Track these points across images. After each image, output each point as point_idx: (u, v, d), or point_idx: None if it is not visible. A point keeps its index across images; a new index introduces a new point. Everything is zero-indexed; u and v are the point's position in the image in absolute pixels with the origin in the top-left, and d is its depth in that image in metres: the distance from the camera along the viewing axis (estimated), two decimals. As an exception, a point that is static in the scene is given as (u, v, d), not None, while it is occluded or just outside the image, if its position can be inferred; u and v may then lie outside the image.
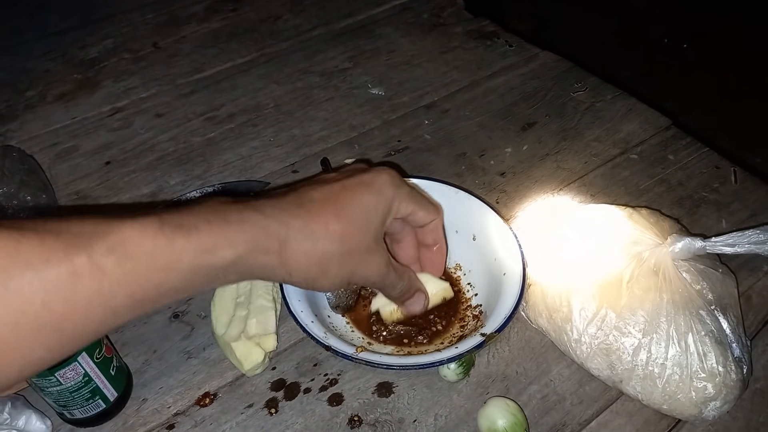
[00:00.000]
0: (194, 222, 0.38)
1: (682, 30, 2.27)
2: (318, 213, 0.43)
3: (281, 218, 0.42)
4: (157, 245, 0.36)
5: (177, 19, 1.04)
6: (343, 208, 0.45)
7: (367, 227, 0.46)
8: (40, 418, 0.52)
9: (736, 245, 0.55)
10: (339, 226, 0.44)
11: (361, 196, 0.46)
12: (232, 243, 0.39)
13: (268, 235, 0.41)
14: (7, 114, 0.86)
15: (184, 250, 0.37)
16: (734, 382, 0.52)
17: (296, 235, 0.42)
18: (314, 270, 0.44)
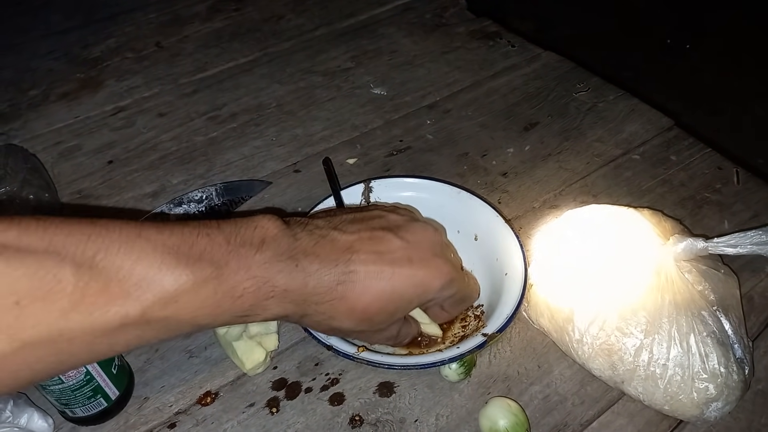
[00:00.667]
0: (245, 287, 0.39)
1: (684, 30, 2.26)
2: (352, 298, 0.44)
3: (318, 295, 0.43)
4: (205, 307, 0.37)
5: (180, 18, 1.04)
6: (375, 301, 0.44)
7: (388, 320, 0.47)
8: (42, 417, 0.52)
9: (739, 246, 0.55)
10: (362, 316, 0.45)
11: (404, 289, 0.45)
12: (265, 311, 0.41)
13: (297, 311, 0.43)
14: (10, 113, 0.86)
15: (224, 313, 0.39)
16: (736, 383, 0.52)
17: (313, 316, 0.44)
18: (321, 327, 0.47)
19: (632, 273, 0.56)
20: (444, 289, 0.47)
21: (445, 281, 0.47)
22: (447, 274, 0.47)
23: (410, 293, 0.45)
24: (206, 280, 0.37)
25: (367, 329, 0.46)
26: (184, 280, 0.36)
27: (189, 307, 0.36)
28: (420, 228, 0.49)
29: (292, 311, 0.42)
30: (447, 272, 0.47)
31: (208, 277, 0.37)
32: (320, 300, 0.43)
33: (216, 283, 0.37)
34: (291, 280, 0.41)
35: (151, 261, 0.35)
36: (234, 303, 0.39)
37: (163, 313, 0.35)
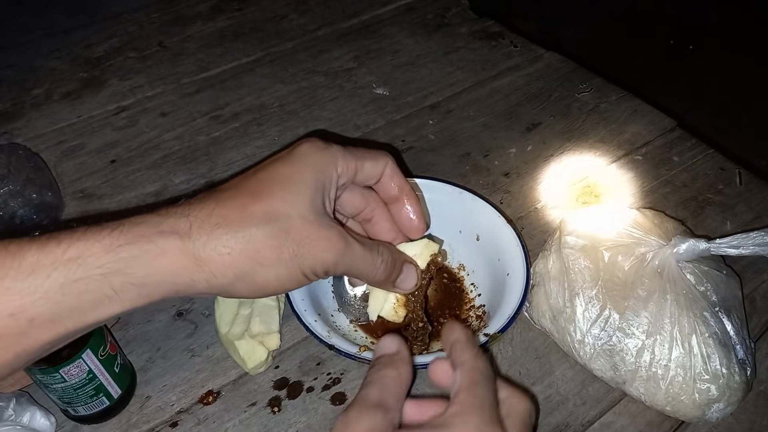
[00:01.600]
0: (50, 235, 0.33)
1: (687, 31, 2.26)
2: (230, 197, 0.36)
3: (179, 211, 0.35)
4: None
5: (183, 18, 1.04)
6: (261, 185, 0.37)
7: (296, 198, 0.37)
8: (45, 415, 0.52)
9: (741, 247, 0.55)
10: (259, 204, 0.36)
11: (280, 170, 0.38)
12: (108, 248, 0.33)
13: (160, 230, 0.34)
14: (13, 112, 0.87)
15: (38, 264, 0.32)
16: (738, 384, 0.52)
17: (203, 224, 0.34)
18: (243, 262, 0.35)
19: (634, 274, 0.56)
20: (321, 149, 0.40)
21: (310, 141, 0.40)
22: (309, 139, 0.41)
23: (289, 168, 0.39)
24: None
25: (288, 223, 0.36)
26: None
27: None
28: None
29: (167, 228, 0.34)
30: (307, 140, 0.41)
31: None
32: (190, 211, 0.35)
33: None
34: (128, 218, 0.35)
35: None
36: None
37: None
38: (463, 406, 0.33)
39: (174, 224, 0.34)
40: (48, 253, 0.31)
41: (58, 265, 0.31)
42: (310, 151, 0.39)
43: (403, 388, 0.36)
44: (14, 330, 0.31)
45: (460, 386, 0.34)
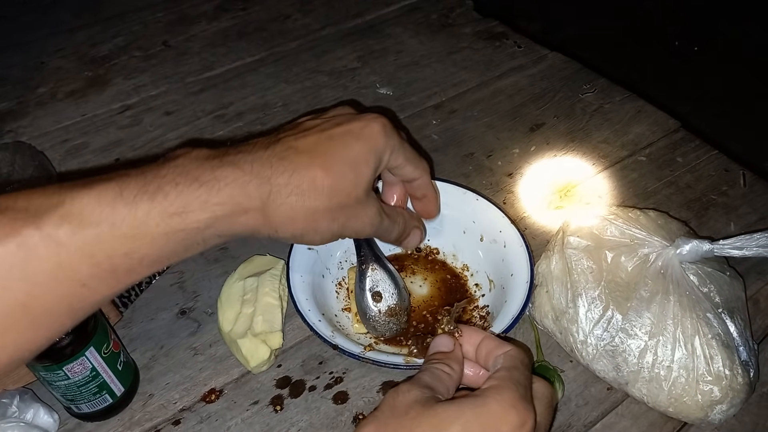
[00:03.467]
0: (159, 184, 0.36)
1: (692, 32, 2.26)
2: (304, 166, 0.40)
3: (262, 173, 0.39)
4: (117, 211, 0.34)
5: (187, 17, 1.04)
6: (332, 160, 0.41)
7: (356, 180, 0.43)
8: (48, 412, 0.53)
9: (745, 248, 0.54)
10: (328, 180, 0.41)
11: (351, 147, 0.43)
12: (204, 205, 0.37)
13: (247, 193, 0.38)
14: (18, 110, 0.87)
15: (149, 214, 0.35)
16: (741, 385, 0.52)
17: (280, 191, 0.39)
18: (302, 226, 0.41)
19: (637, 274, 0.56)
20: (388, 135, 0.45)
21: (382, 124, 0.45)
22: (379, 118, 0.45)
23: (358, 147, 0.43)
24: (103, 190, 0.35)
25: (346, 201, 0.42)
26: (76, 195, 0.34)
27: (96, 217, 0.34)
28: (330, 108, 0.48)
29: (242, 197, 0.38)
30: (378, 116, 0.45)
31: (106, 187, 0.35)
32: (270, 174, 0.39)
33: (118, 189, 0.35)
34: (217, 169, 0.38)
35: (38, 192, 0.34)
36: (153, 201, 0.35)
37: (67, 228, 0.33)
38: (500, 381, 0.38)
39: (258, 188, 0.38)
40: (156, 205, 0.35)
41: (164, 217, 0.36)
42: (380, 135, 0.44)
43: (453, 383, 0.40)
44: (127, 266, 0.36)
45: (502, 366, 0.39)
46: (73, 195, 0.34)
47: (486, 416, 0.35)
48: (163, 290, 0.64)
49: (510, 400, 0.36)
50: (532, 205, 0.73)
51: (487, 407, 0.36)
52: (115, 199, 0.34)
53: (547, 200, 0.73)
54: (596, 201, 0.73)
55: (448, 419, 0.35)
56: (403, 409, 0.36)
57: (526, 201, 0.73)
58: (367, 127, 0.44)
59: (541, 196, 0.74)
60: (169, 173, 0.37)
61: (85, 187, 0.35)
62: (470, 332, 0.44)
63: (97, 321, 0.49)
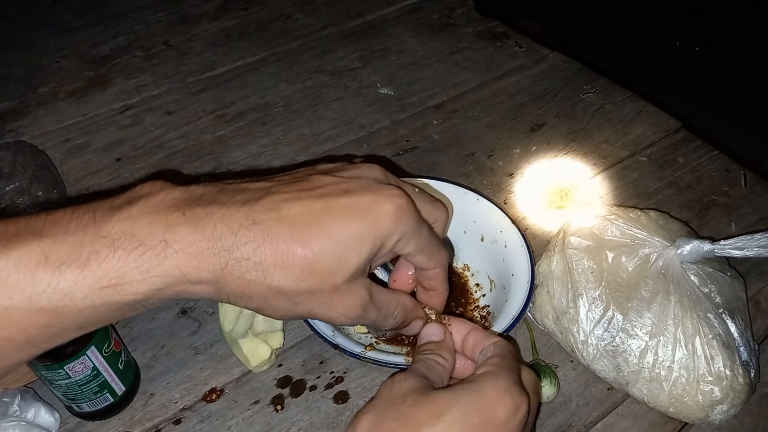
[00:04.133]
0: (96, 248, 0.31)
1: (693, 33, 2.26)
2: (279, 238, 0.33)
3: (223, 241, 0.33)
4: (37, 281, 0.30)
5: (188, 17, 1.04)
6: (316, 235, 0.34)
7: (339, 266, 0.35)
8: (49, 411, 0.53)
9: (745, 249, 0.55)
10: (301, 260, 0.34)
11: (347, 224, 0.35)
12: (145, 275, 0.31)
13: (197, 266, 0.32)
14: (20, 110, 0.87)
15: (76, 285, 0.30)
16: (741, 386, 0.52)
17: (239, 265, 0.33)
18: (258, 302, 0.35)
19: (638, 275, 0.56)
20: (399, 220, 0.36)
21: (397, 205, 0.36)
22: (398, 197, 0.36)
23: (356, 226, 0.35)
24: (25, 254, 0.30)
25: (318, 287, 0.35)
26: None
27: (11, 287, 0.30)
28: (358, 165, 0.40)
29: (190, 268, 0.32)
30: (398, 195, 0.36)
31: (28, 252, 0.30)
32: (234, 245, 0.33)
33: (42, 254, 0.30)
34: (171, 229, 0.32)
35: None
36: (83, 271, 0.31)
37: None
38: (494, 367, 0.38)
39: (211, 260, 0.33)
40: (88, 275, 0.31)
41: (95, 289, 0.31)
42: (388, 216, 0.36)
43: (446, 372, 0.40)
44: (46, 337, 0.32)
45: (493, 354, 0.39)
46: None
47: (482, 401, 0.35)
48: (164, 290, 0.64)
49: (505, 385, 0.36)
50: (532, 205, 0.73)
51: (483, 392, 0.36)
52: (38, 266, 0.30)
53: (547, 200, 0.73)
54: (597, 201, 0.73)
55: (445, 405, 0.35)
56: (400, 398, 0.36)
57: (527, 201, 0.73)
58: (376, 204, 0.36)
59: (542, 197, 0.74)
60: (112, 232, 0.31)
61: (8, 245, 0.30)
62: (458, 323, 0.43)
63: (99, 320, 0.49)
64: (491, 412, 0.35)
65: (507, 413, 0.35)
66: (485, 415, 0.35)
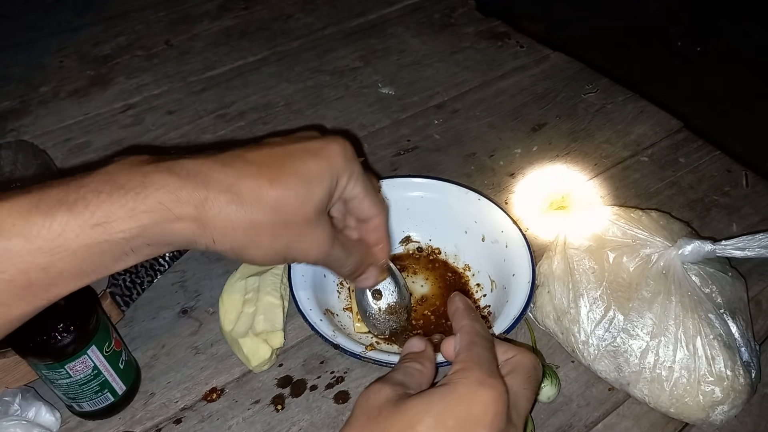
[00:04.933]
0: (81, 193, 0.34)
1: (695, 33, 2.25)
2: (250, 175, 0.38)
3: (199, 179, 0.36)
4: (31, 223, 0.32)
5: (190, 17, 1.04)
6: (282, 172, 0.39)
7: (307, 197, 0.40)
8: (50, 410, 0.53)
9: (747, 249, 0.54)
10: (274, 192, 0.38)
11: (306, 163, 0.40)
12: (130, 213, 0.34)
13: (178, 199, 0.36)
14: (21, 109, 0.87)
15: (67, 225, 0.33)
16: (742, 386, 0.52)
17: (218, 197, 0.36)
18: (241, 239, 0.38)
19: (639, 275, 0.56)
20: (348, 159, 0.42)
21: (342, 146, 0.42)
22: (341, 140, 0.42)
23: (314, 165, 0.40)
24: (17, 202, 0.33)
25: (293, 218, 0.39)
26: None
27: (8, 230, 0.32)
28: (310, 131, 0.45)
29: (173, 202, 0.35)
30: (340, 139, 0.42)
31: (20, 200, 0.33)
32: (208, 181, 0.36)
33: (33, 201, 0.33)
34: (148, 175, 0.35)
35: None
36: (71, 212, 0.33)
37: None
38: (462, 364, 0.37)
39: (191, 193, 0.36)
40: (77, 216, 0.33)
41: (85, 228, 0.34)
42: (339, 156, 0.41)
43: (424, 380, 0.40)
44: (45, 281, 0.34)
45: (460, 347, 0.39)
46: None
47: (456, 402, 0.35)
48: (165, 289, 0.64)
49: (476, 380, 0.36)
50: (533, 205, 0.73)
51: (455, 393, 0.35)
52: (30, 211, 0.33)
53: (548, 201, 0.73)
54: (598, 201, 0.73)
55: (418, 414, 0.35)
56: (376, 410, 0.36)
57: (528, 201, 0.73)
58: (327, 146, 0.41)
59: (543, 197, 0.74)
60: (94, 182, 0.35)
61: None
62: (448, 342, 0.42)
63: (99, 320, 0.50)
64: (466, 411, 0.35)
65: (482, 408, 0.35)
66: (460, 415, 0.34)
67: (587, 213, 0.64)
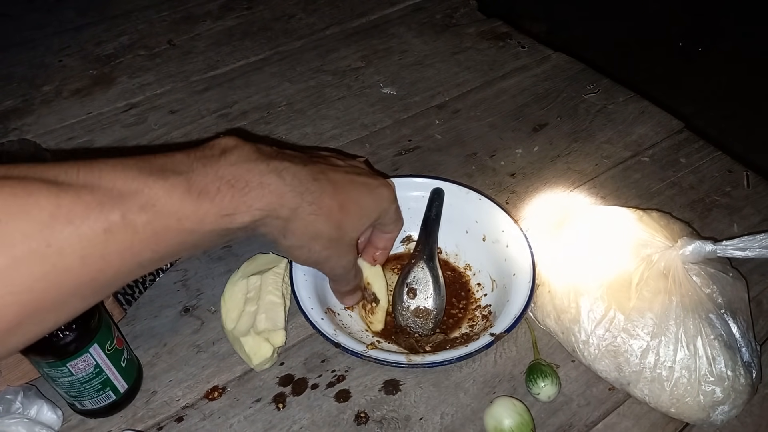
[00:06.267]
0: (219, 185, 0.40)
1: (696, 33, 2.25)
2: (329, 194, 0.46)
3: (298, 188, 0.44)
4: (184, 207, 0.38)
5: (192, 16, 1.05)
6: (349, 201, 0.48)
7: (358, 225, 0.50)
8: (52, 408, 0.53)
9: (748, 249, 0.54)
10: (340, 216, 0.47)
11: (364, 198, 0.50)
12: (250, 209, 0.41)
13: (283, 203, 0.43)
14: (24, 108, 0.87)
15: (208, 213, 0.39)
16: (743, 386, 0.52)
17: (306, 207, 0.44)
18: (303, 241, 0.47)
19: (640, 275, 0.56)
20: (391, 201, 0.53)
21: (390, 191, 0.53)
22: (389, 186, 0.53)
23: (369, 201, 0.51)
24: (176, 183, 0.38)
25: (342, 238, 0.49)
26: (152, 184, 0.37)
27: (169, 210, 0.37)
28: (350, 158, 0.56)
29: (279, 205, 0.43)
30: (389, 184, 0.54)
31: (177, 182, 0.38)
32: (302, 190, 0.44)
33: (187, 185, 0.38)
34: (264, 176, 0.42)
35: (114, 174, 0.36)
36: (212, 202, 0.39)
37: (145, 217, 0.36)
38: None
39: (291, 200, 0.43)
40: (215, 205, 0.39)
41: (218, 217, 0.40)
42: (387, 199, 0.53)
43: None
44: (174, 254, 0.40)
45: None
46: (149, 184, 0.37)
47: None
48: (167, 288, 0.65)
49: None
50: (534, 205, 0.73)
51: None
52: (184, 195, 0.38)
53: (549, 200, 0.73)
54: (599, 201, 0.73)
55: None
56: None
57: (529, 201, 0.73)
58: (380, 187, 0.52)
59: (544, 197, 0.74)
60: (227, 174, 0.40)
61: (159, 176, 0.37)
62: None
63: (101, 318, 0.50)
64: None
65: None
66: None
67: (588, 213, 0.64)
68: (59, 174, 0.35)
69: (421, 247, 0.61)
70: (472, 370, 0.58)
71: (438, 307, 0.60)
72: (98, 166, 0.36)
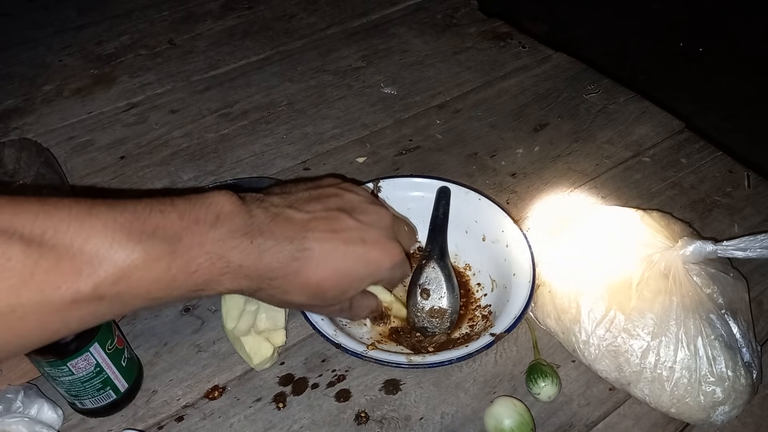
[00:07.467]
0: (199, 262, 0.40)
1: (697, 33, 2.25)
2: (304, 274, 0.44)
3: (275, 271, 0.43)
4: (159, 281, 0.38)
5: (193, 16, 1.05)
6: (332, 274, 0.46)
7: (340, 296, 0.48)
8: (52, 408, 0.53)
9: (748, 249, 0.54)
10: (315, 290, 0.46)
11: (356, 268, 0.47)
12: (220, 286, 0.42)
13: (251, 285, 0.43)
14: (24, 107, 0.87)
15: (179, 287, 0.39)
16: (743, 387, 0.52)
17: (274, 291, 0.45)
18: (269, 302, 0.47)
19: (640, 275, 0.56)
20: (394, 270, 0.49)
21: (395, 262, 0.49)
22: (397, 256, 0.49)
23: (362, 272, 0.47)
24: (159, 256, 0.37)
25: (319, 304, 0.48)
26: (135, 257, 0.36)
27: (142, 283, 0.37)
28: (373, 210, 0.50)
29: (246, 286, 0.43)
30: (397, 254, 0.49)
31: (161, 254, 0.37)
32: (275, 275, 0.44)
33: (170, 259, 0.38)
34: (245, 257, 0.42)
35: (102, 238, 0.35)
36: (188, 278, 0.39)
37: (116, 289, 0.36)
38: None
39: (261, 283, 0.44)
40: (197, 279, 0.40)
41: (199, 283, 0.40)
42: (385, 269, 0.48)
43: None
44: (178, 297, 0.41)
45: None
46: (134, 254, 0.36)
47: None
48: (167, 287, 0.65)
49: None
50: (534, 205, 0.73)
51: None
52: (163, 271, 0.38)
53: (549, 201, 0.73)
54: (599, 201, 0.73)
55: None
56: None
57: (529, 201, 0.73)
58: (380, 259, 0.48)
59: (544, 197, 0.74)
60: (212, 250, 0.40)
61: (147, 243, 0.37)
62: None
63: (102, 317, 0.50)
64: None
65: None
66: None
67: (589, 213, 0.64)
68: (47, 229, 0.34)
69: (431, 246, 0.61)
70: (472, 370, 0.58)
71: (453, 305, 0.59)
72: (90, 223, 0.35)
